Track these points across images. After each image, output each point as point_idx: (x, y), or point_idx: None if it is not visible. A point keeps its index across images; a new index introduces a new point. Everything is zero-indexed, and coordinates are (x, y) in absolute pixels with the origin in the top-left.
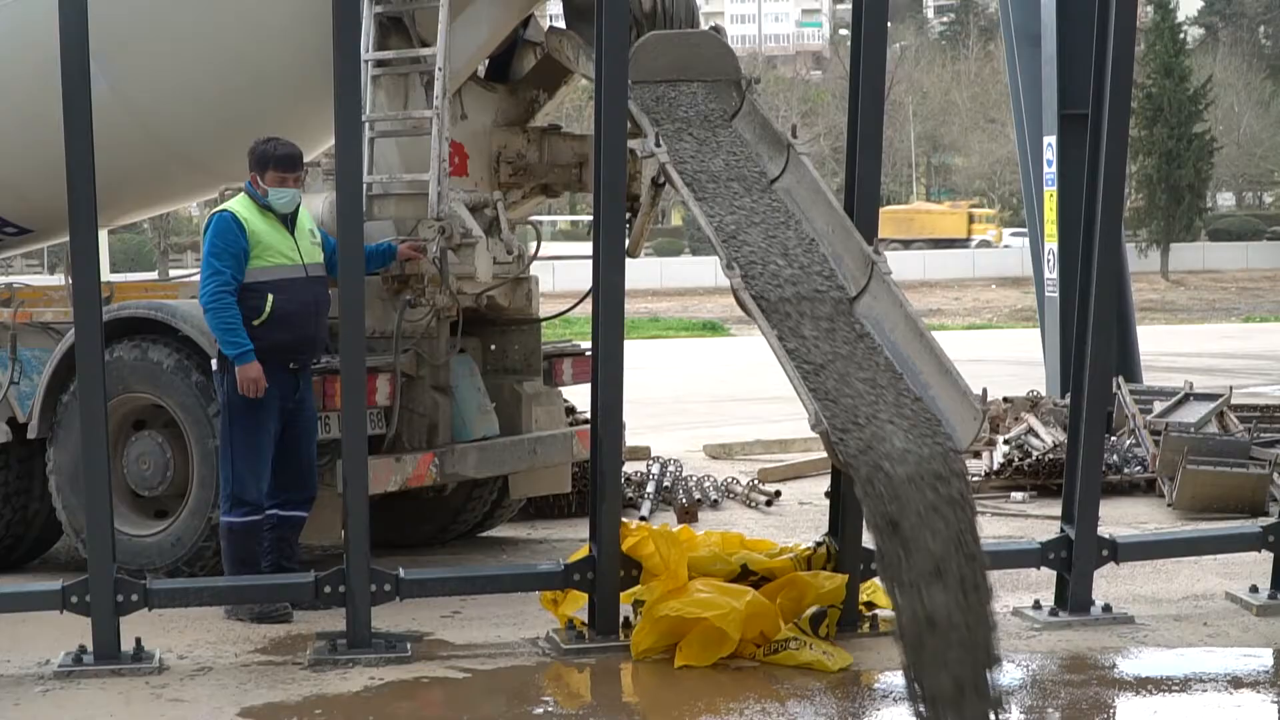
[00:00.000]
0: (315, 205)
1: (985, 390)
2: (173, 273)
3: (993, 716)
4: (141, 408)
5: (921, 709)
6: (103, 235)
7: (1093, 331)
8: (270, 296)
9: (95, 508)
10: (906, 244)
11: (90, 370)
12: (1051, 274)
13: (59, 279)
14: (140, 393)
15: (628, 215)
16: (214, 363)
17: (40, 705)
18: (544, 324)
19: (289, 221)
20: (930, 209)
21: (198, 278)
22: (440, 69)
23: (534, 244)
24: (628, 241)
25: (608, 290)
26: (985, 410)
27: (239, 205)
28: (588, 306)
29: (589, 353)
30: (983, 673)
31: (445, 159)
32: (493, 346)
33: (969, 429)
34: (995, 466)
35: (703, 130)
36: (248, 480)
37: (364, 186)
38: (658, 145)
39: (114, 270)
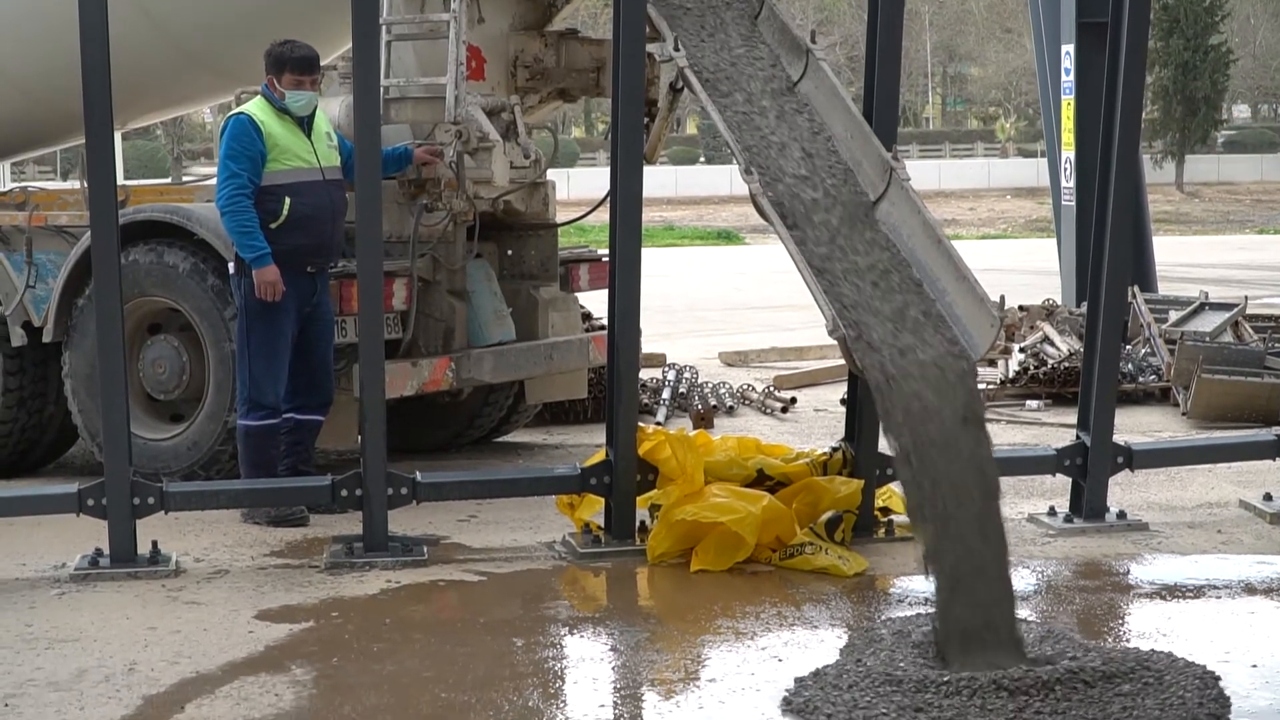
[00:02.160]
0: (332, 109)
1: (1003, 298)
2: (186, 178)
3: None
4: (157, 311)
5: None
6: (116, 139)
7: (1109, 240)
8: (287, 200)
9: (111, 411)
10: None
11: (106, 273)
12: (1069, 183)
13: (73, 184)
14: (156, 296)
15: (645, 120)
16: (231, 266)
17: (56, 608)
18: (560, 230)
19: (305, 125)
20: None
21: (213, 182)
22: None
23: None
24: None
25: (625, 195)
26: (1002, 317)
27: (255, 108)
28: (604, 213)
29: (605, 258)
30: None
31: (462, 63)
32: (509, 251)
33: (986, 335)
34: (1011, 374)
35: (722, 34)
36: (265, 384)
37: (381, 90)
38: (676, 49)
39: (127, 177)
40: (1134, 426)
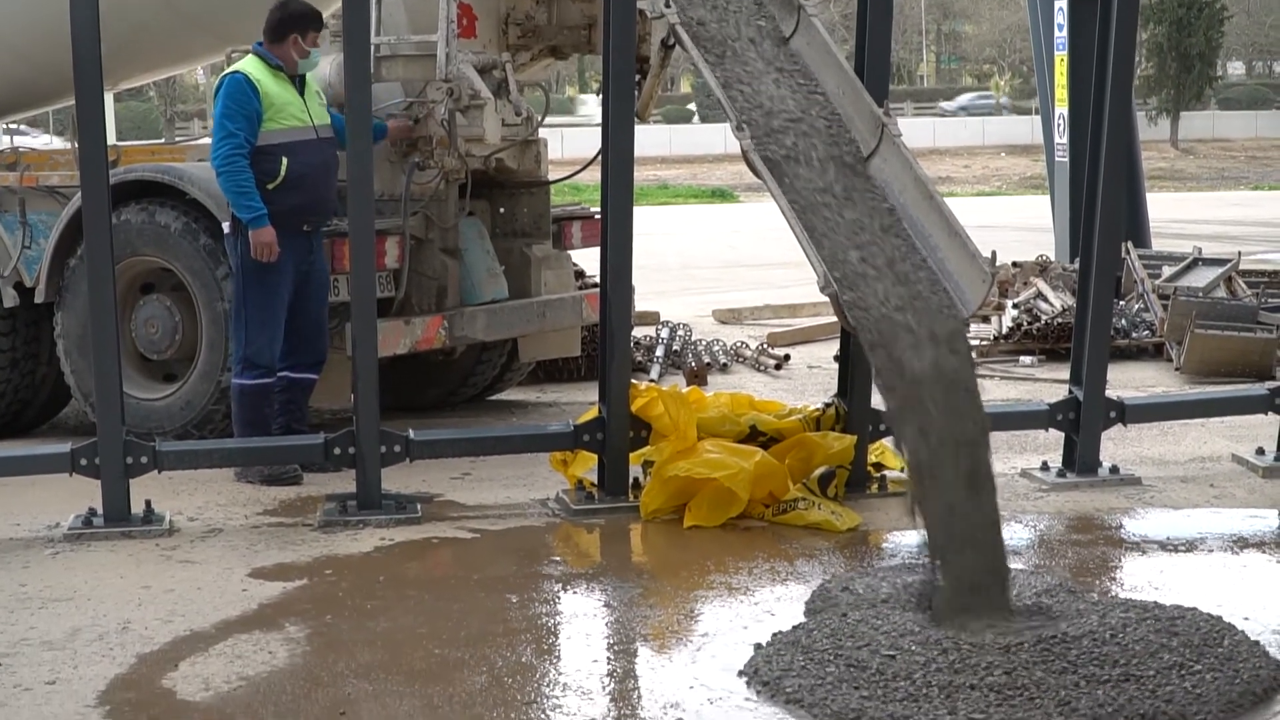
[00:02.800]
0: (322, 68)
1: (995, 253)
2: (178, 139)
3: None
4: (149, 271)
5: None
6: (109, 100)
7: (1102, 195)
8: (284, 159)
9: (103, 371)
10: None
11: (97, 234)
12: (1062, 139)
13: (65, 144)
14: (148, 256)
15: (636, 78)
16: (225, 226)
17: (50, 567)
18: (553, 188)
19: (298, 84)
20: None
21: (206, 141)
22: None
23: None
24: (636, 104)
25: (617, 151)
26: (994, 272)
27: (250, 67)
28: (597, 172)
29: (598, 216)
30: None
31: (454, 20)
32: (502, 209)
33: (977, 291)
34: (1004, 330)
35: None
36: (261, 343)
37: (371, 48)
38: (668, 6)
39: (120, 138)
40: (1127, 382)
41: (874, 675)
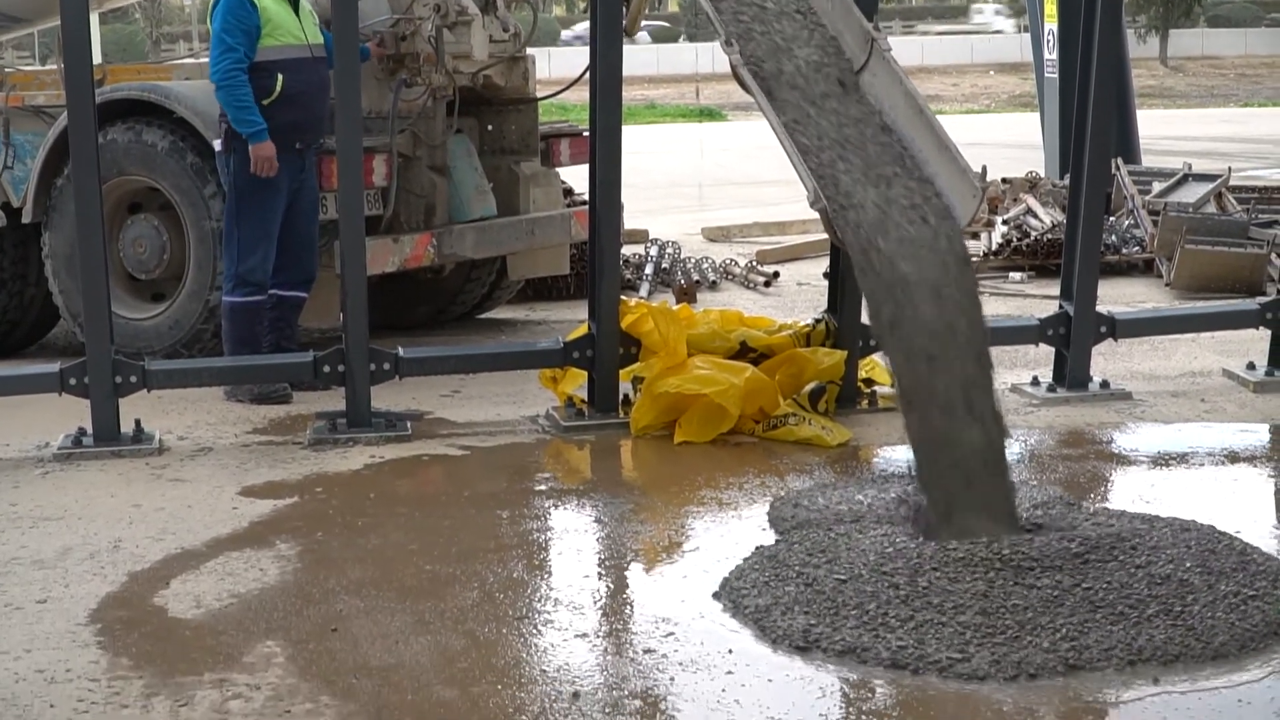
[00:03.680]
0: None
1: (985, 168)
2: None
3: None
4: (136, 190)
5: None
6: (94, 22)
7: (1092, 111)
8: (280, 76)
9: (91, 290)
10: None
11: (83, 153)
12: (1051, 55)
13: (51, 68)
14: (135, 175)
15: None
16: (217, 144)
17: (40, 487)
18: (541, 106)
19: (293, 2)
20: None
21: (188, 61)
22: None
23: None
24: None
25: (605, 66)
26: (984, 188)
27: None
28: (584, 92)
29: (586, 133)
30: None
31: None
32: (490, 127)
33: (968, 206)
34: (994, 247)
35: None
36: (254, 261)
37: None
38: None
39: (106, 61)
40: (1117, 297)
41: (826, 601)
